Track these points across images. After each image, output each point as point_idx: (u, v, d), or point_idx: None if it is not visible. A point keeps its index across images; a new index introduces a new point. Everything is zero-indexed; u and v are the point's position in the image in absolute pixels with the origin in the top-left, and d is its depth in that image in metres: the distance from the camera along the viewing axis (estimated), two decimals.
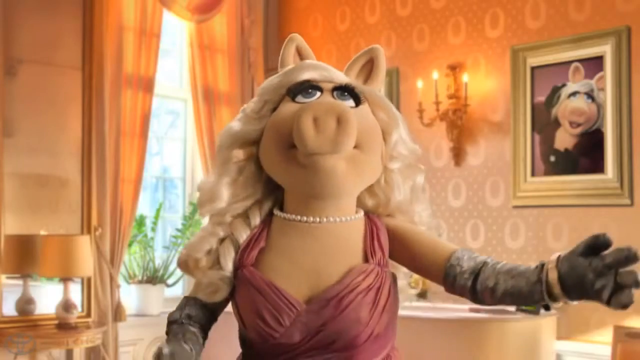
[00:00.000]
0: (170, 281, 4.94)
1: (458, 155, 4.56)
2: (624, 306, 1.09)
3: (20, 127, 4.21)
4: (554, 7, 4.22)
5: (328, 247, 1.40)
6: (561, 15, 4.19)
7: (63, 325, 4.03)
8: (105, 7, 4.45)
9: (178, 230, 5.05)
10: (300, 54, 1.55)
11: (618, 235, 3.89)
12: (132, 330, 4.61)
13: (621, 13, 3.96)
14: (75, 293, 4.23)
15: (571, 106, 4.12)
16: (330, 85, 1.46)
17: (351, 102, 1.44)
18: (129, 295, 4.77)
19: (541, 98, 4.24)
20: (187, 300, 1.49)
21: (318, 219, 1.42)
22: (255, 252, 1.42)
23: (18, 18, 4.20)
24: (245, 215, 1.48)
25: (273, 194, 1.51)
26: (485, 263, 1.34)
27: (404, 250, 1.44)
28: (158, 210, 5.00)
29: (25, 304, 4.15)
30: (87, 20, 4.43)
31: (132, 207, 4.59)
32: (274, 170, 1.44)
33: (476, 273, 1.33)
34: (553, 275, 1.21)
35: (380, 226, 1.46)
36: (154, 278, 4.85)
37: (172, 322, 1.47)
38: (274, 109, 1.46)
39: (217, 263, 1.44)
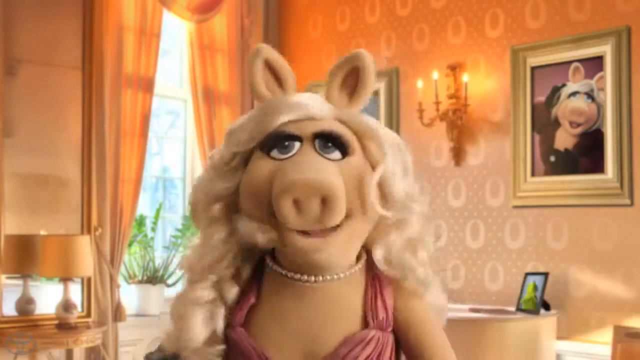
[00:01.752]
0: (170, 281, 4.94)
1: (458, 155, 4.56)
2: None
3: (20, 127, 4.21)
4: (554, 7, 4.22)
5: (324, 310, 1.25)
6: (561, 15, 4.19)
7: (63, 325, 4.03)
8: (105, 7, 4.45)
9: (178, 230, 5.05)
10: (272, 68, 1.31)
11: (618, 235, 3.90)
12: (132, 330, 4.61)
13: (621, 13, 3.96)
14: (75, 293, 4.22)
15: (571, 106, 4.12)
16: (310, 130, 1.24)
17: (336, 154, 1.23)
18: (129, 295, 4.77)
19: (541, 98, 4.24)
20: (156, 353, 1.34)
21: (314, 279, 1.25)
22: (245, 310, 1.27)
23: (18, 18, 4.20)
24: (234, 270, 1.31)
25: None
26: None
27: (398, 319, 1.30)
28: (158, 210, 5.00)
29: (25, 304, 4.15)
30: (87, 20, 4.43)
31: (132, 207, 4.59)
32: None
33: None
34: None
35: (383, 280, 1.30)
36: (154, 278, 4.85)
37: None
38: (247, 159, 1.27)
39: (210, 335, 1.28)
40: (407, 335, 1.29)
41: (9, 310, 4.10)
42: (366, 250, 1.32)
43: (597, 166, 4.01)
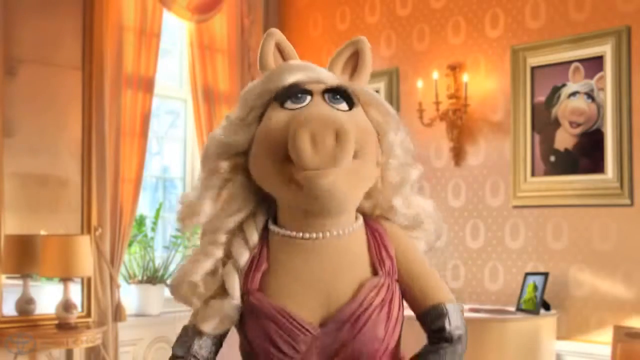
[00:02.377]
0: (170, 281, 4.93)
1: (458, 155, 4.56)
2: None
3: (20, 127, 4.21)
4: (554, 7, 4.22)
5: (335, 263, 1.34)
6: (561, 15, 4.19)
7: (63, 325, 4.03)
8: (105, 7, 4.45)
9: (178, 230, 5.04)
10: (281, 51, 1.44)
11: (618, 235, 3.90)
12: (132, 330, 4.61)
13: (621, 13, 3.96)
14: (75, 293, 4.22)
15: (571, 106, 4.12)
16: (320, 87, 1.37)
17: (344, 105, 1.36)
18: (129, 295, 4.77)
19: (541, 98, 4.24)
20: (190, 333, 1.39)
21: (321, 235, 1.34)
22: (258, 275, 1.35)
23: (18, 18, 4.20)
24: (240, 231, 1.39)
25: (265, 204, 1.42)
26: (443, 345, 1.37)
27: (400, 273, 1.40)
28: (158, 210, 5.00)
29: (25, 304, 4.15)
30: (87, 20, 4.43)
31: (132, 207, 4.59)
32: (267, 185, 1.36)
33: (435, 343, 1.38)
34: None
35: (382, 232, 1.41)
36: (154, 278, 4.85)
37: (177, 358, 1.38)
38: (261, 115, 1.37)
39: (219, 290, 1.36)
40: (410, 282, 1.39)
41: (9, 310, 4.10)
42: (362, 213, 1.43)
43: (597, 166, 4.01)
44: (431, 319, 1.38)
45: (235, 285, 1.35)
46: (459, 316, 1.39)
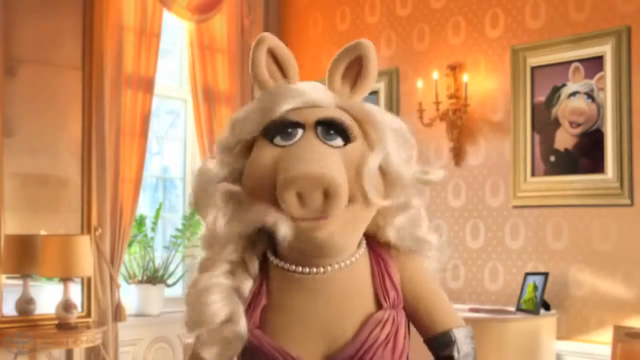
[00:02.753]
0: (170, 281, 4.94)
1: (458, 155, 4.56)
2: None
3: (20, 127, 4.21)
4: (554, 7, 4.22)
5: (337, 299, 1.27)
6: (561, 15, 4.19)
7: (63, 325, 4.03)
8: (105, 7, 4.45)
9: (178, 230, 5.05)
10: (275, 57, 1.33)
11: (618, 235, 3.90)
12: (132, 330, 4.61)
13: (621, 13, 3.96)
14: (75, 293, 4.23)
15: (571, 106, 4.12)
16: (312, 118, 1.25)
17: (338, 141, 1.24)
18: (129, 295, 4.77)
19: (541, 98, 4.24)
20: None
21: (322, 270, 1.27)
22: (258, 312, 1.29)
23: (18, 18, 4.20)
24: (241, 261, 1.32)
25: (265, 234, 1.31)
26: None
27: (407, 298, 1.35)
28: (158, 210, 5.00)
29: (25, 304, 4.15)
30: (87, 20, 4.43)
31: (132, 207, 4.59)
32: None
33: None
34: None
35: (387, 259, 1.34)
36: (154, 278, 4.85)
37: None
38: (250, 146, 1.29)
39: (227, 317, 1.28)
40: (417, 307, 1.35)
41: (9, 310, 4.10)
42: (365, 235, 1.35)
43: (597, 166, 4.01)
44: (439, 345, 1.34)
45: (241, 315, 1.27)
46: (468, 342, 1.34)
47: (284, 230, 1.21)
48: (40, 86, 4.30)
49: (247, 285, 1.30)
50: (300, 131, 1.25)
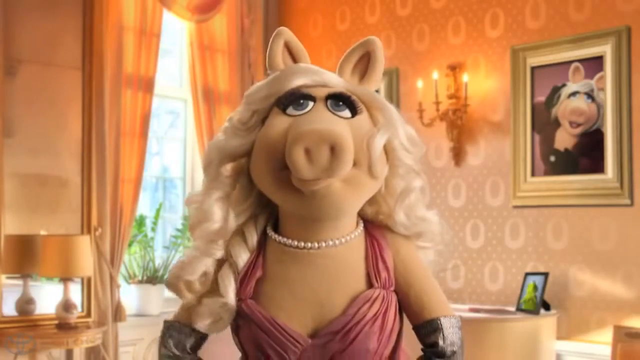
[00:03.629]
0: (167, 275, 4.93)
1: (458, 155, 4.56)
2: None
3: (20, 127, 4.21)
4: (554, 7, 4.22)
5: (329, 274, 1.33)
6: (561, 15, 4.19)
7: (63, 325, 4.03)
8: (105, 7, 4.45)
9: (178, 230, 5.05)
10: (290, 50, 1.41)
11: (618, 235, 3.90)
12: (132, 330, 4.61)
13: (621, 13, 3.96)
14: (75, 293, 4.22)
15: (571, 106, 4.12)
16: (323, 93, 1.34)
17: (347, 113, 1.32)
18: (129, 295, 4.77)
19: (541, 98, 4.24)
20: (173, 329, 1.43)
21: (317, 244, 1.33)
22: (252, 283, 1.34)
23: (18, 18, 4.20)
24: (240, 233, 1.38)
25: (267, 208, 1.41)
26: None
27: (398, 282, 1.38)
28: (158, 210, 5.00)
29: (25, 304, 4.15)
30: (87, 20, 4.43)
31: (132, 207, 4.59)
32: (266, 191, 1.34)
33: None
34: None
35: (382, 243, 1.38)
36: (154, 278, 4.85)
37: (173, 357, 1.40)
38: (264, 119, 1.35)
39: (214, 289, 1.36)
40: (408, 292, 1.38)
41: (9, 310, 4.10)
42: (363, 219, 1.41)
43: (597, 166, 4.01)
44: (426, 332, 1.37)
45: (230, 287, 1.34)
46: (455, 331, 1.36)
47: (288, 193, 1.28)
48: (40, 86, 4.30)
49: (243, 258, 1.36)
50: (311, 103, 1.32)
